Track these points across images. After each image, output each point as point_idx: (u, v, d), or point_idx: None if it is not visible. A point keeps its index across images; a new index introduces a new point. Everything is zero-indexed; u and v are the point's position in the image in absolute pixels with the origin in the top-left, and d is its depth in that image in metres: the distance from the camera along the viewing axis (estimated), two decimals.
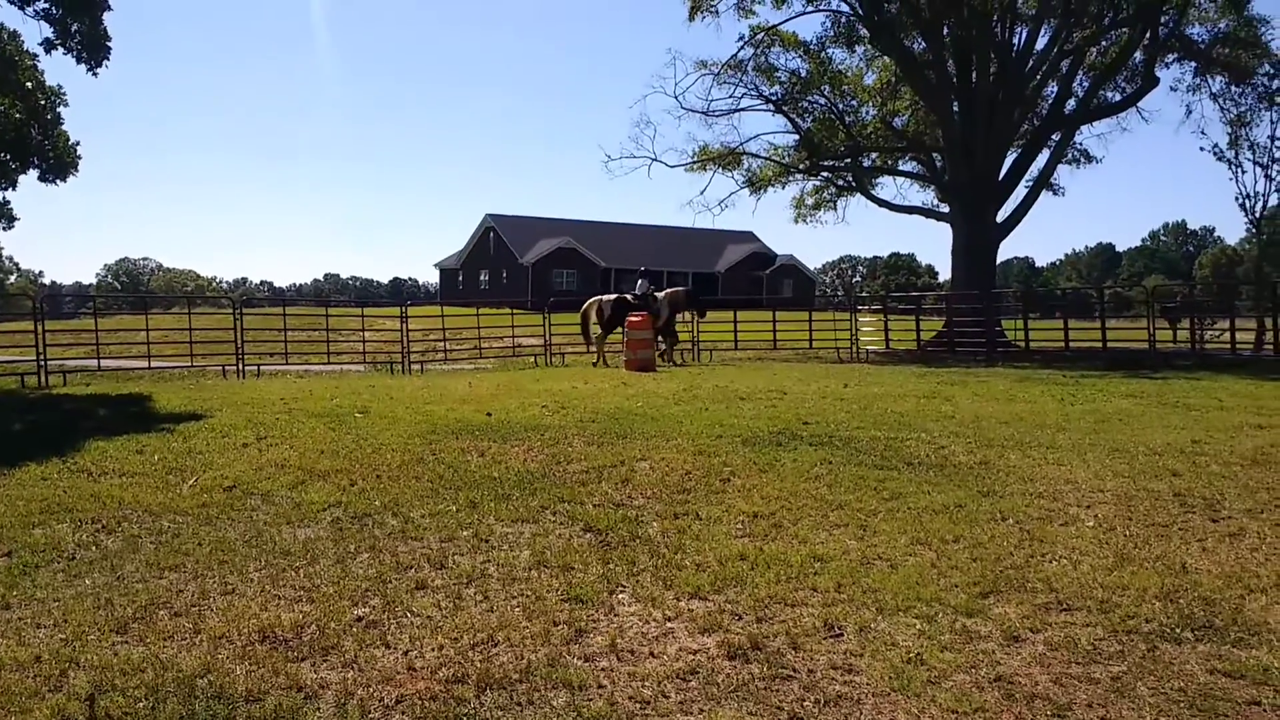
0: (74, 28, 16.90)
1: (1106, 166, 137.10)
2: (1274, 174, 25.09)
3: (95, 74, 17.45)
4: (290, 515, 7.18)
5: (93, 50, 17.27)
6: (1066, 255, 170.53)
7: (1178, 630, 4.96)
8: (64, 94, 18.47)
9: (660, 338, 23.05)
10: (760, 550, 6.31)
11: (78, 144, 18.92)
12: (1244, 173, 25.52)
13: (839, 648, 4.74)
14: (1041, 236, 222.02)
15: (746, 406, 13.32)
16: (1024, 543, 6.54)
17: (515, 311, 28.76)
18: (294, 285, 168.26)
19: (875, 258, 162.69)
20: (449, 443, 10.05)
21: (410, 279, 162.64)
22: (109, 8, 17.34)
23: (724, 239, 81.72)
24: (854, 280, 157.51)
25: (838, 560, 6.13)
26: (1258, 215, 25.74)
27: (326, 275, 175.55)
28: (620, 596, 5.48)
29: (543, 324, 25.98)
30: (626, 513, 7.34)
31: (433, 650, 4.64)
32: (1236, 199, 26.18)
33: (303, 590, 5.51)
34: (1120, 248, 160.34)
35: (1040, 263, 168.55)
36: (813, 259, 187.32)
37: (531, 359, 25.48)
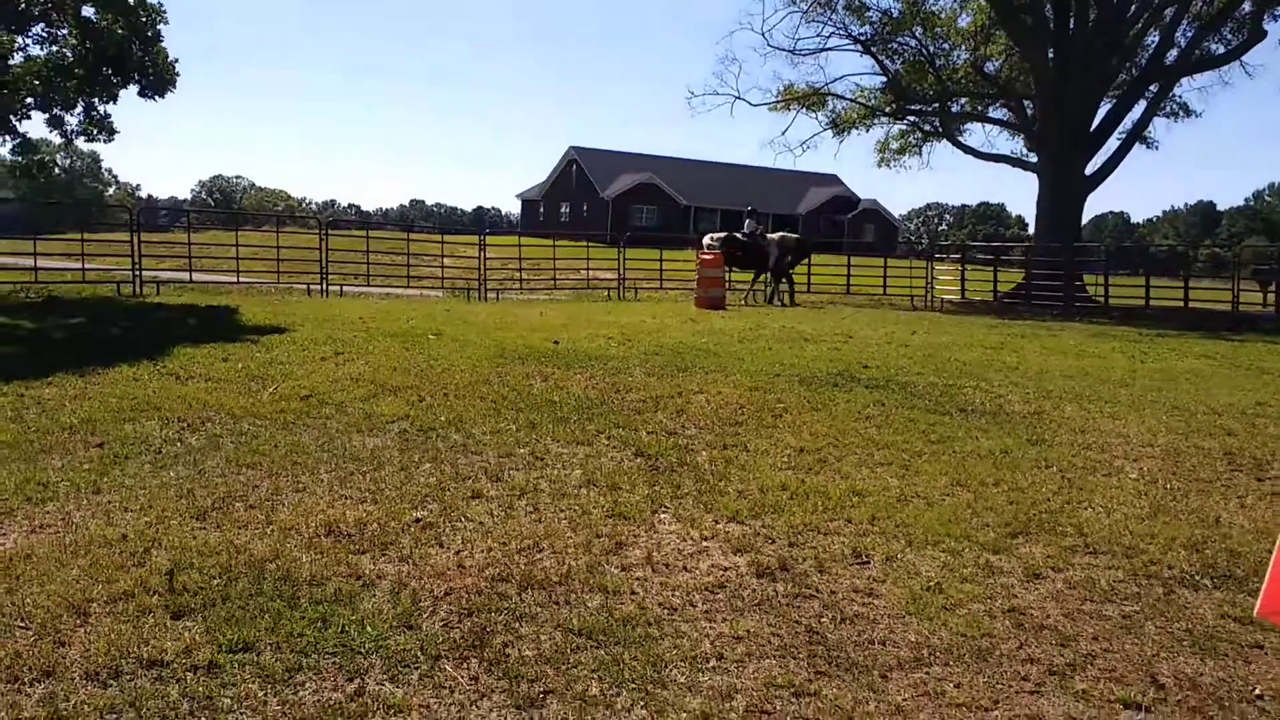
0: None
1: (1210, 122, 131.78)
2: None
3: None
4: (361, 425, 7.61)
5: None
6: (1164, 212, 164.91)
7: (1198, 577, 5.11)
8: (164, 11, 19.01)
9: (769, 277, 23.56)
10: (802, 482, 6.56)
11: (176, 61, 19.47)
12: None
13: (864, 574, 4.99)
14: (1138, 192, 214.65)
15: (809, 348, 13.48)
16: (1063, 490, 6.68)
17: (591, 245, 28.99)
18: (380, 209, 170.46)
19: (963, 206, 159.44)
20: (515, 367, 10.43)
21: (493, 208, 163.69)
22: None
23: (806, 181, 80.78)
24: (940, 228, 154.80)
25: (876, 496, 6.35)
26: None
27: (412, 201, 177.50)
28: (662, 516, 5.78)
29: (617, 258, 26.21)
30: (677, 441, 7.63)
31: (482, 552, 5.00)
32: None
33: (368, 492, 5.91)
34: (1221, 207, 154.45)
35: (1136, 218, 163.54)
36: (899, 205, 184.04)
37: (605, 292, 25.77)
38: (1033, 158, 29.49)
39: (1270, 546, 5.62)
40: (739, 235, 23.82)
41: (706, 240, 23.77)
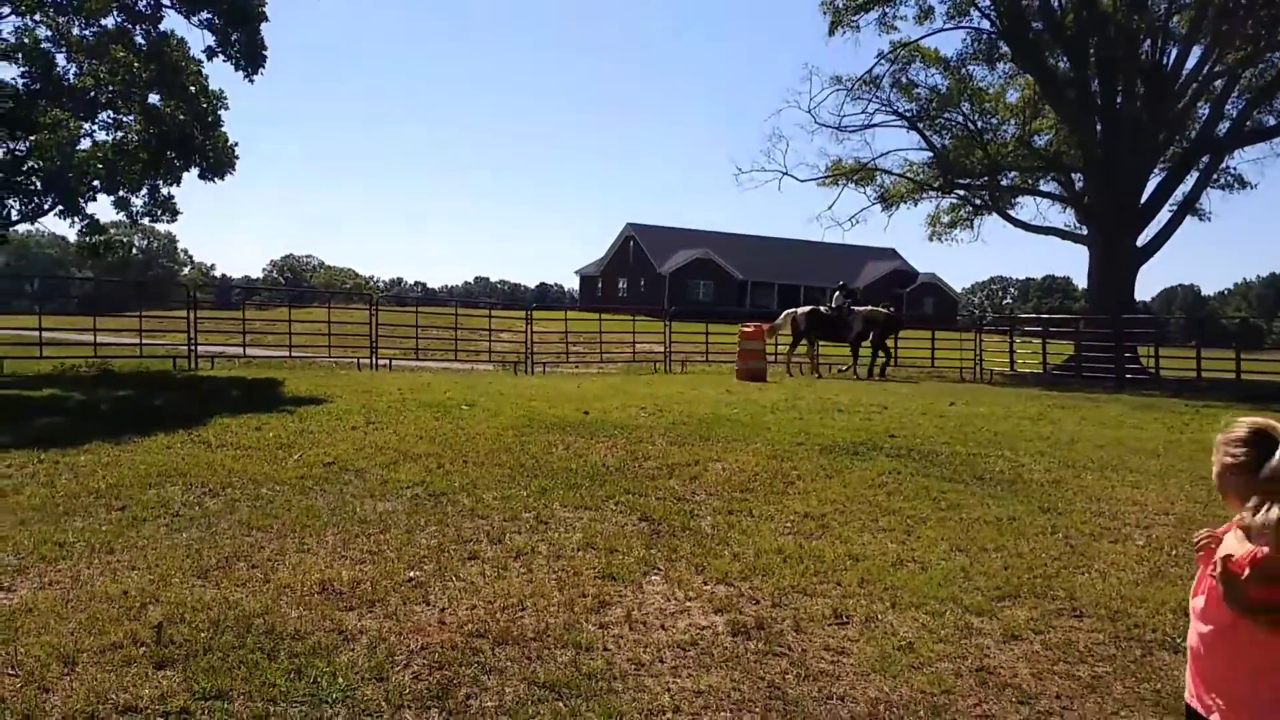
0: (234, 37, 18.31)
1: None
2: None
3: (251, 80, 18.85)
4: (376, 490, 7.84)
5: (250, 59, 18.64)
6: (1235, 285, 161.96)
7: (1179, 640, 5.06)
8: (225, 98, 19.94)
9: (853, 349, 24.45)
10: (800, 546, 6.62)
11: (236, 144, 20.33)
12: None
13: (840, 633, 5.04)
14: (1210, 264, 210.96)
15: (841, 418, 13.50)
16: (1063, 555, 6.65)
17: (640, 319, 29.34)
18: (445, 286, 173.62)
19: (1028, 279, 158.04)
20: (539, 436, 10.62)
21: (556, 284, 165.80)
22: (266, 19, 18.72)
23: (864, 255, 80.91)
24: (1005, 301, 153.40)
25: (872, 560, 6.38)
26: None
27: (477, 278, 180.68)
28: (652, 578, 5.88)
29: (663, 332, 26.48)
30: (685, 506, 7.74)
31: (465, 609, 5.15)
32: None
33: (368, 553, 6.10)
34: None
35: (1207, 291, 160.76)
36: (962, 279, 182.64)
37: (652, 366, 26.01)
38: (1083, 230, 29.36)
39: None
40: (822, 309, 24.51)
41: (787, 314, 24.52)
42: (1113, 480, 9.46)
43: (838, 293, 25.30)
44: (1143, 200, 27.72)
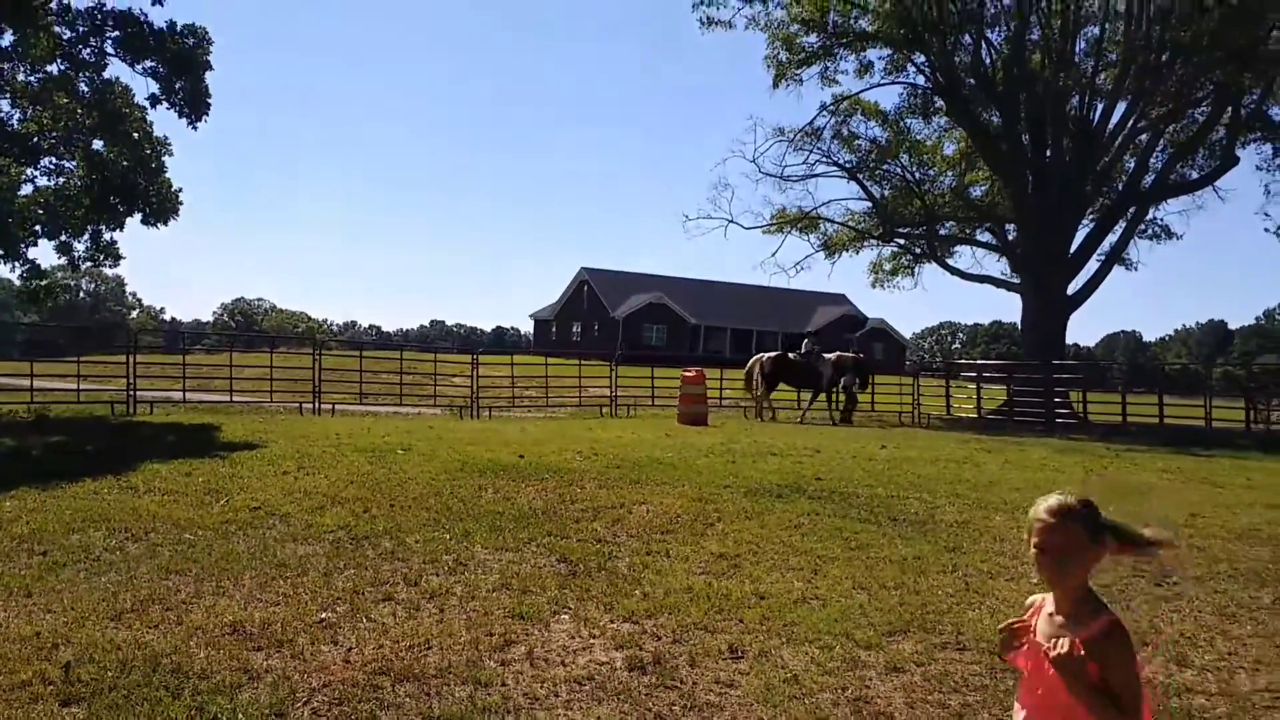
0: (177, 85, 18.49)
1: (1220, 241, 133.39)
2: None
3: (195, 128, 19.03)
4: (299, 534, 7.98)
5: (194, 106, 18.84)
6: (1176, 331, 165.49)
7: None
8: (169, 144, 20.08)
9: (822, 396, 25.22)
10: (709, 585, 6.86)
11: (179, 190, 20.45)
12: None
13: (732, 667, 5.28)
14: (1151, 312, 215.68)
15: (773, 461, 13.80)
16: (958, 593, 6.96)
17: (585, 363, 29.62)
18: (401, 330, 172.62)
19: (976, 325, 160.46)
20: (470, 479, 10.80)
21: (513, 328, 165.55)
22: (210, 68, 18.95)
23: (814, 300, 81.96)
24: (953, 346, 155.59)
25: (776, 597, 6.64)
26: None
27: (433, 321, 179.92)
28: (561, 617, 6.09)
29: (609, 376, 26.76)
30: (604, 548, 7.95)
31: (372, 649, 5.32)
32: None
33: (283, 596, 6.25)
34: (1233, 325, 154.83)
35: (1149, 337, 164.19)
36: (912, 324, 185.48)
37: (598, 410, 26.23)
38: (1016, 279, 30.17)
39: (1141, 644, 5.89)
40: (791, 355, 25.08)
41: (755, 359, 25.32)
42: (1020, 521, 9.76)
43: (806, 340, 25.97)
44: (1072, 250, 28.59)
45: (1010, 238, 30.69)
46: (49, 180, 19.61)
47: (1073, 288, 28.82)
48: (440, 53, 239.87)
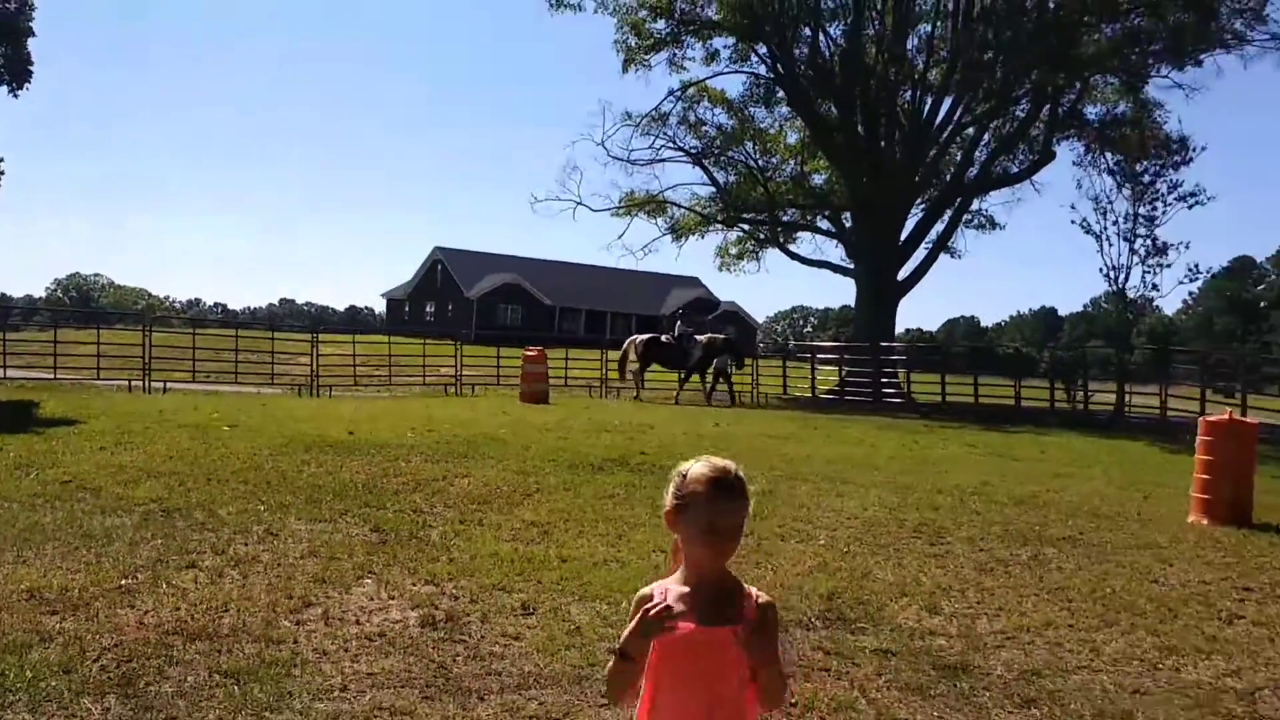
0: None
1: (1052, 230, 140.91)
2: (1137, 247, 26.71)
3: (16, 95, 18.22)
4: (109, 506, 7.95)
5: (15, 74, 18.04)
6: (1011, 317, 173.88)
7: (813, 619, 5.91)
8: None
9: (699, 377, 25.51)
10: (515, 550, 7.19)
11: (1, 160, 19.55)
12: (1110, 245, 27.25)
13: (521, 622, 5.62)
14: (989, 298, 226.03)
15: (605, 437, 14.22)
16: (749, 553, 7.47)
17: (429, 342, 29.54)
18: (248, 308, 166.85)
19: (827, 309, 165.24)
20: (295, 455, 10.84)
21: (367, 308, 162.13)
22: (33, 34, 18.15)
23: (669, 283, 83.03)
24: (805, 330, 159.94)
25: (579, 560, 7.02)
26: (1120, 286, 27.36)
27: (282, 300, 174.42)
28: (364, 581, 6.32)
29: (454, 356, 26.79)
30: (419, 518, 8.19)
31: (168, 611, 5.45)
32: (1101, 270, 27.90)
33: (85, 564, 6.28)
34: (1063, 312, 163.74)
35: (986, 322, 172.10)
36: (766, 308, 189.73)
37: (443, 389, 26.24)
38: (851, 265, 31.44)
39: (894, 597, 6.50)
40: (663, 338, 25.33)
41: (630, 342, 25.81)
42: (824, 490, 10.49)
43: (679, 322, 26.41)
44: (902, 238, 30.02)
45: (847, 225, 31.95)
46: None
47: (903, 274, 30.27)
48: (293, 26, 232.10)
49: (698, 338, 25.61)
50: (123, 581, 5.95)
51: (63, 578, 5.92)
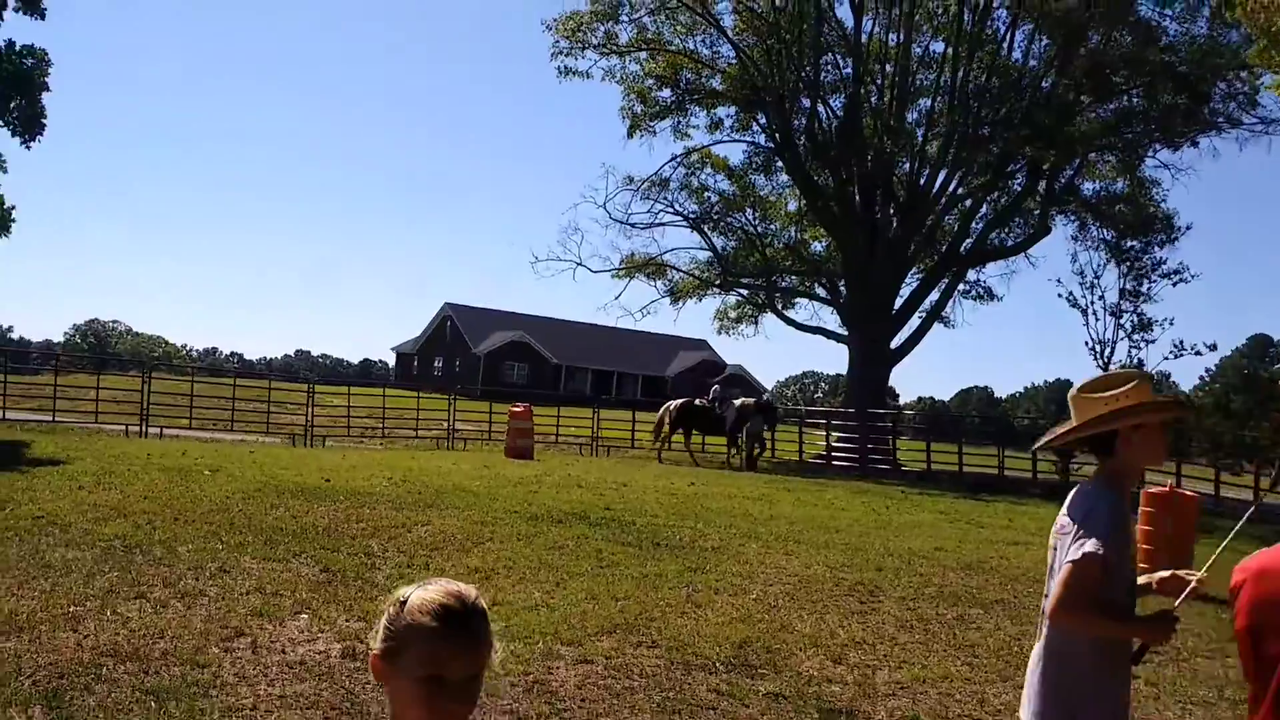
0: (12, 104, 18.45)
1: (1056, 303, 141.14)
2: (1123, 322, 27.09)
3: (28, 147, 18.97)
4: (75, 541, 8.34)
5: (28, 127, 18.79)
6: (1026, 388, 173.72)
7: (719, 665, 6.23)
8: (3, 160, 19.91)
9: (729, 441, 25.85)
10: None
11: (13, 208, 20.25)
12: (1097, 320, 27.67)
13: None
14: (1006, 368, 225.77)
15: (575, 492, 14.56)
16: (679, 604, 7.81)
17: (422, 395, 30.02)
18: (264, 359, 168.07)
19: (838, 375, 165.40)
20: (265, 499, 11.22)
21: (380, 361, 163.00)
22: (48, 89, 18.95)
23: (676, 344, 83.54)
24: (815, 395, 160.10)
25: (511, 604, 7.37)
26: (1105, 360, 27.69)
27: (298, 351, 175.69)
28: (301, 616, 6.68)
29: (448, 410, 27.24)
30: (370, 560, 8.56)
31: (107, 636, 5.83)
32: (1086, 344, 28.26)
33: (40, 593, 6.67)
34: (1079, 383, 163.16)
35: (1000, 393, 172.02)
36: (776, 372, 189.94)
37: (435, 442, 26.63)
38: (845, 331, 31.84)
39: (802, 647, 6.83)
40: (697, 401, 25.72)
41: (666, 406, 26.08)
42: (773, 549, 10.80)
43: (716, 386, 26.95)
44: (896, 306, 30.48)
45: (842, 293, 32.43)
46: None
47: (896, 341, 30.67)
48: (315, 87, 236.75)
49: (734, 402, 26.00)
50: (71, 609, 6.33)
51: (14, 604, 6.31)
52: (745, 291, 35.15)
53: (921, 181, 30.60)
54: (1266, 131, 26.99)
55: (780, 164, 32.30)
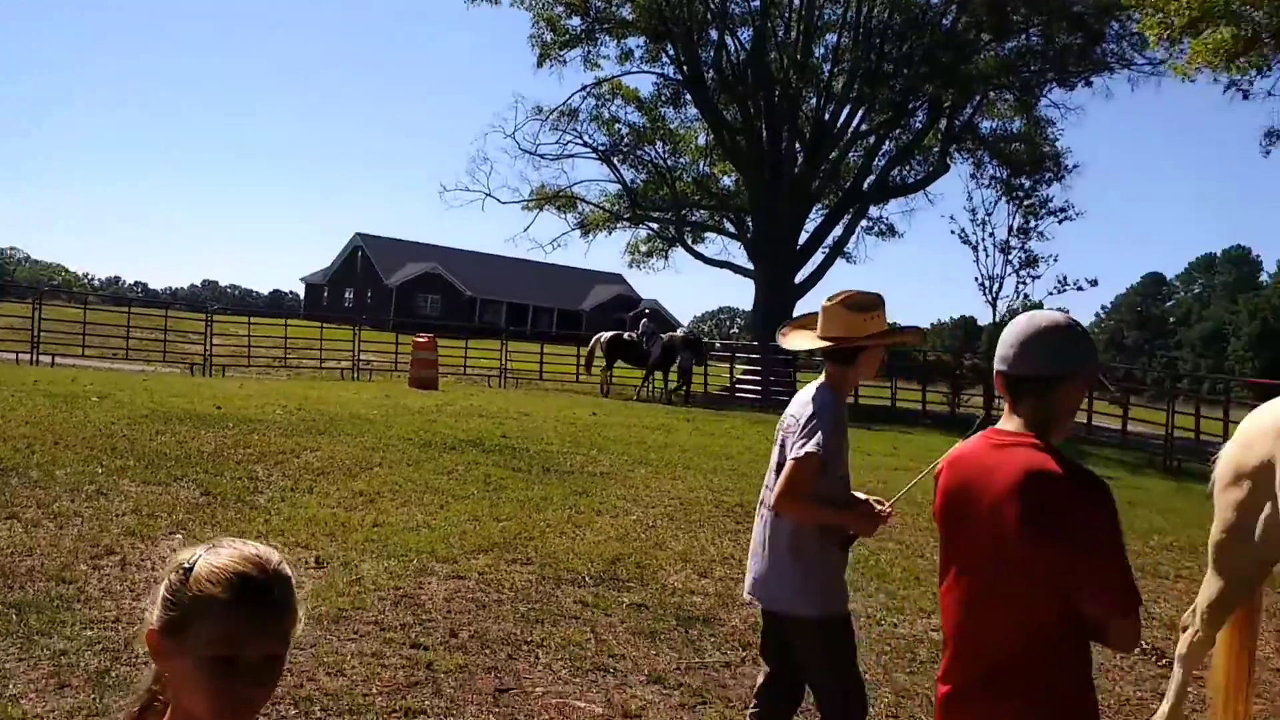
0: None
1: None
2: (1011, 258, 27.84)
3: None
4: None
5: None
6: (932, 324, 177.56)
7: (588, 579, 6.46)
8: None
9: (647, 374, 25.84)
10: (333, 515, 7.63)
11: None
12: (987, 256, 28.35)
13: (309, 573, 6.08)
14: (910, 305, 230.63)
15: (475, 421, 14.64)
16: (560, 524, 8.01)
17: (326, 326, 29.67)
18: (169, 288, 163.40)
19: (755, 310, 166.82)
20: (152, 425, 11.10)
21: (291, 292, 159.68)
22: None
23: (591, 278, 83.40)
24: (732, 330, 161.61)
25: (392, 526, 7.48)
26: (994, 296, 28.50)
27: (205, 281, 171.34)
28: (176, 536, 6.72)
29: (353, 341, 26.97)
30: (253, 485, 8.57)
31: None
32: (976, 280, 28.91)
33: None
34: (982, 322, 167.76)
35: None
36: (693, 307, 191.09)
37: (339, 373, 26.39)
38: (751, 266, 32.18)
39: (670, 562, 7.09)
40: (625, 335, 25.66)
41: (596, 338, 26.02)
42: (662, 474, 11.08)
43: (645, 320, 26.90)
44: (801, 241, 30.89)
45: (749, 227, 32.69)
46: None
47: (800, 276, 31.12)
48: (220, 10, 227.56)
49: (661, 336, 26.06)
50: None
51: None
52: (655, 225, 35.24)
53: (827, 117, 30.85)
54: (1155, 72, 27.71)
55: (689, 97, 32.21)
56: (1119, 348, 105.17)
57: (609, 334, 26.54)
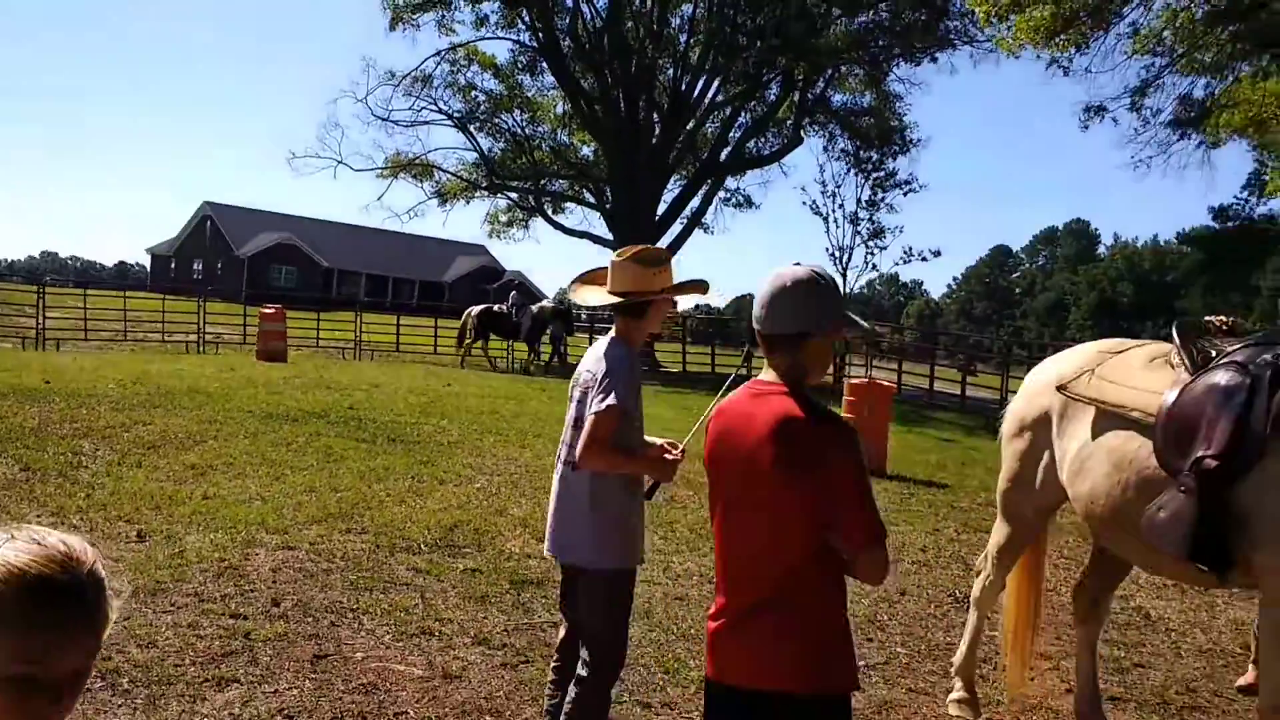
0: None
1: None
2: (859, 229, 28.83)
3: None
4: None
5: None
6: None
7: (423, 547, 6.45)
8: None
9: (529, 346, 26.09)
10: (161, 489, 7.40)
11: None
12: (837, 227, 29.22)
13: (130, 546, 5.91)
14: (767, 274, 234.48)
15: (321, 394, 14.33)
16: (400, 495, 7.96)
17: (168, 298, 28.54)
18: (4, 260, 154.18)
19: None
20: None
21: (137, 264, 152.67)
22: None
23: (454, 250, 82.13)
24: None
25: (223, 499, 7.31)
26: (844, 266, 29.47)
27: (43, 253, 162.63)
28: None
29: (198, 313, 26.01)
30: (78, 459, 8.24)
31: None
32: (826, 250, 29.88)
33: None
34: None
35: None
36: (561, 278, 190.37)
37: (184, 346, 25.43)
38: (611, 237, 32.27)
39: (506, 528, 7.13)
40: (495, 308, 25.44)
41: (467, 312, 25.56)
42: (511, 442, 11.10)
43: (514, 293, 26.62)
44: (660, 212, 31.11)
45: (607, 196, 32.74)
46: None
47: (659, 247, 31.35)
48: None
49: (531, 308, 26.01)
50: None
51: None
52: (514, 195, 34.92)
53: (683, 88, 31.05)
54: (994, 50, 28.80)
55: (545, 65, 31.95)
56: (969, 317, 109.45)
57: (479, 308, 26.45)
